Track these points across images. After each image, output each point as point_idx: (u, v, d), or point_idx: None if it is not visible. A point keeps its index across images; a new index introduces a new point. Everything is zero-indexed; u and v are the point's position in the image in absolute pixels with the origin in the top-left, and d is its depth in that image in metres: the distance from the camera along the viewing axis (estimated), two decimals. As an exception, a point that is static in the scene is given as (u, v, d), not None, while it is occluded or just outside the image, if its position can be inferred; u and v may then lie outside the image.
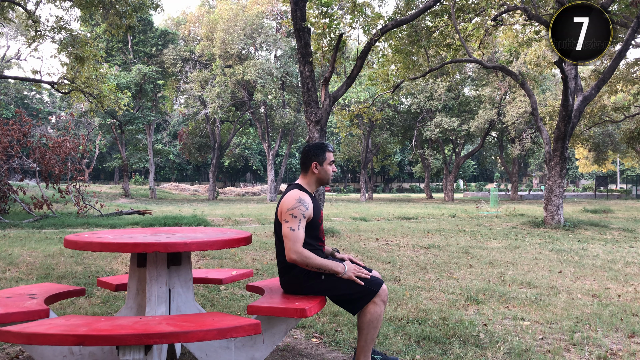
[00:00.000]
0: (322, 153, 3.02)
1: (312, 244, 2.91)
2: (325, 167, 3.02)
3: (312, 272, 2.88)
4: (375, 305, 2.81)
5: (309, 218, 2.87)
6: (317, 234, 2.96)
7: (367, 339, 2.83)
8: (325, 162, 3.03)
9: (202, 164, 48.25)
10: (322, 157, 3.02)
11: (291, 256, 2.76)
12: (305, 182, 3.03)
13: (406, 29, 12.91)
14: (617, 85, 21.98)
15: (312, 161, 3.01)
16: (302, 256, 2.75)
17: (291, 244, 2.76)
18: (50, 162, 13.53)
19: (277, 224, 2.96)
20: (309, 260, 2.76)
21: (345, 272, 2.81)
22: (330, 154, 3.04)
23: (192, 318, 2.54)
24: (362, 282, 2.81)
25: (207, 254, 7.11)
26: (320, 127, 10.30)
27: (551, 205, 12.20)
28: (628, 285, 5.46)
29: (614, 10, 11.87)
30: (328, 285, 2.87)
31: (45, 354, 2.72)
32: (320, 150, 3.03)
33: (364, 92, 27.40)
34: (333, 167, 3.08)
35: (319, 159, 3.01)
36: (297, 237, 2.77)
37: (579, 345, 3.45)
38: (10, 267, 6.13)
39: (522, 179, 64.87)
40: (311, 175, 3.03)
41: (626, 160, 42.89)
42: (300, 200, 2.85)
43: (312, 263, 2.77)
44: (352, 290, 2.82)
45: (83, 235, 3.03)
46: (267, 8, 31.45)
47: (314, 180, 3.04)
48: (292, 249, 2.75)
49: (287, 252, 2.78)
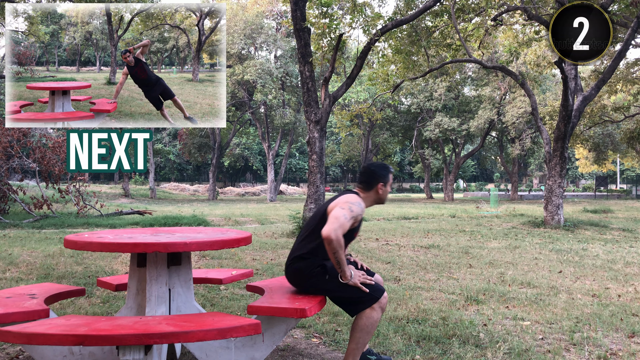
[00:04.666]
0: (387, 174, 3.09)
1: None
2: (387, 189, 3.10)
3: (317, 271, 2.91)
4: (373, 310, 2.84)
5: (353, 225, 2.93)
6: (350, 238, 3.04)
7: (359, 342, 2.85)
8: (389, 183, 3.11)
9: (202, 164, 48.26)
10: (387, 179, 3.09)
11: (330, 234, 2.76)
12: (363, 197, 3.08)
13: (406, 29, 12.91)
14: (617, 85, 21.98)
15: (378, 182, 3.07)
16: (338, 240, 2.77)
17: (337, 226, 2.78)
18: (50, 162, 13.53)
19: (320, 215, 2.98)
20: (339, 249, 2.78)
21: (352, 279, 2.85)
22: (391, 176, 3.14)
23: (192, 318, 2.54)
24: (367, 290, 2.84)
25: (207, 254, 7.10)
26: (320, 127, 10.30)
27: (551, 205, 12.20)
28: (628, 285, 5.46)
29: (614, 10, 11.87)
30: (331, 286, 2.89)
31: (45, 354, 2.72)
32: (386, 171, 3.11)
33: (364, 92, 27.39)
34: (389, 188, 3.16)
35: (384, 180, 3.08)
36: (344, 224, 2.82)
37: (579, 345, 3.45)
38: (10, 267, 6.13)
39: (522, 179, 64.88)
40: (374, 194, 3.09)
41: (626, 160, 42.89)
42: (360, 204, 2.95)
43: (338, 254, 2.79)
44: (354, 294, 2.86)
45: (83, 235, 3.03)
46: (267, 8, 31.43)
47: (374, 199, 3.11)
48: (336, 230, 2.77)
49: (328, 227, 2.78)
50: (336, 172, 62.89)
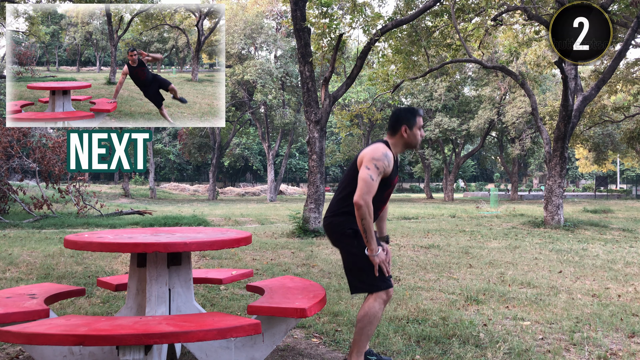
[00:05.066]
0: (412, 117, 2.99)
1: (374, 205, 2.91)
2: (414, 132, 2.98)
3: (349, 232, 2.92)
4: (375, 301, 2.85)
5: (385, 175, 2.89)
6: (383, 194, 2.98)
7: (362, 334, 2.86)
8: (415, 126, 2.98)
9: (202, 164, 48.25)
10: (412, 122, 2.98)
11: (359, 201, 2.78)
12: (392, 143, 3.01)
13: (406, 29, 12.91)
14: (617, 85, 21.97)
15: (402, 124, 2.98)
16: (366, 206, 2.78)
17: (365, 190, 2.79)
18: (50, 162, 13.53)
19: (352, 169, 2.98)
20: (366, 216, 2.78)
21: (376, 256, 2.83)
22: (420, 119, 3.00)
23: (192, 318, 2.54)
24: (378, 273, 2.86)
25: (207, 254, 7.11)
26: (320, 127, 10.30)
27: (551, 205, 12.20)
28: (628, 285, 5.46)
29: (614, 10, 11.87)
30: (355, 252, 2.89)
31: (45, 354, 2.72)
32: (412, 114, 3.00)
33: (364, 92, 27.39)
34: (422, 132, 3.02)
35: (409, 122, 2.98)
36: (371, 186, 2.81)
37: (579, 345, 3.45)
38: (10, 267, 6.13)
39: (522, 179, 64.85)
40: (399, 138, 3.00)
41: (626, 160, 42.89)
42: (386, 155, 2.87)
43: (365, 222, 2.79)
44: (366, 272, 2.88)
45: (83, 235, 3.03)
46: (267, 8, 31.43)
47: (402, 143, 3.01)
48: (364, 195, 2.78)
49: (357, 194, 2.79)
50: (336, 172, 62.87)
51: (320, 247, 8.32)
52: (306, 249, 8.04)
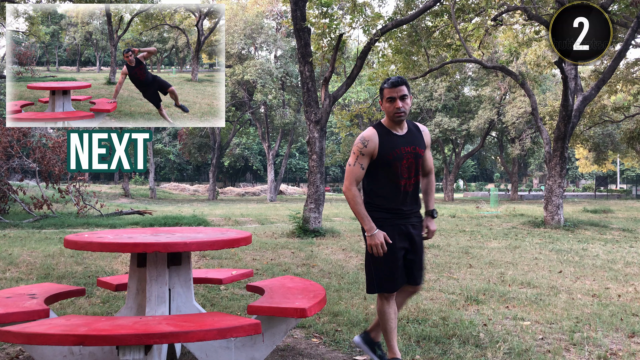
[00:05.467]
0: (381, 90, 2.95)
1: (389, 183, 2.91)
2: (384, 104, 2.92)
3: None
4: (380, 300, 2.93)
5: (372, 155, 2.88)
6: (392, 172, 2.90)
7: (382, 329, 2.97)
8: (383, 98, 2.92)
9: (202, 164, 48.24)
10: (382, 94, 2.93)
11: (344, 191, 2.87)
12: (383, 120, 3.00)
13: (406, 29, 12.91)
14: (617, 85, 21.96)
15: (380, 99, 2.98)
16: (349, 193, 2.86)
17: (347, 177, 2.89)
18: (50, 162, 13.53)
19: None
20: (352, 201, 2.85)
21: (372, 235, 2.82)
22: (386, 91, 2.88)
23: (192, 318, 2.54)
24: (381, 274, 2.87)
25: (207, 254, 7.11)
26: (320, 127, 10.30)
27: (551, 205, 12.20)
28: (628, 285, 5.46)
29: (614, 10, 11.87)
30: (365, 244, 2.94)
31: (45, 354, 2.72)
32: (382, 85, 2.94)
33: (364, 92, 27.38)
34: (396, 104, 2.86)
35: (381, 95, 2.96)
36: (349, 172, 2.88)
37: (579, 345, 3.45)
38: (10, 267, 6.13)
39: (522, 179, 64.84)
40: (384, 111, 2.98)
41: (626, 160, 42.86)
42: (362, 138, 2.89)
43: (353, 207, 2.86)
44: (367, 270, 2.94)
45: (83, 235, 3.03)
46: (267, 8, 31.42)
47: (387, 117, 2.97)
48: (346, 182, 2.89)
49: (344, 184, 2.90)
50: (336, 172, 62.85)
51: (320, 247, 8.32)
52: (306, 249, 8.04)
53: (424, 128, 3.07)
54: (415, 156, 2.94)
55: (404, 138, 2.94)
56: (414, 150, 2.94)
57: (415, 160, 2.94)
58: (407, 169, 2.92)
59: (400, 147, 2.91)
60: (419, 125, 3.06)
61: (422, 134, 3.02)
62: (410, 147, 2.93)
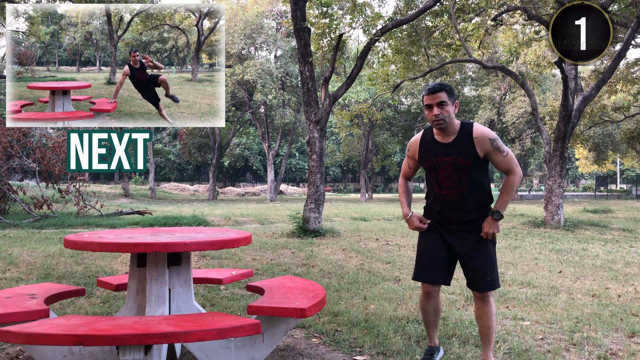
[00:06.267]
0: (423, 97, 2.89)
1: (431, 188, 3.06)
2: (426, 112, 2.87)
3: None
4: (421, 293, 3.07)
5: (413, 158, 3.06)
6: (432, 180, 2.97)
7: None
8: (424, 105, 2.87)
9: (202, 164, 48.26)
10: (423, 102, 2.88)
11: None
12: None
13: (406, 29, 12.91)
14: (617, 85, 21.96)
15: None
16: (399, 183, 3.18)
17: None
18: (50, 162, 13.52)
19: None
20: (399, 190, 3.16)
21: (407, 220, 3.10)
22: (425, 98, 2.83)
23: (192, 318, 2.55)
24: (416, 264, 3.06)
25: (207, 254, 7.11)
26: (320, 127, 10.30)
27: (551, 205, 12.20)
28: (628, 285, 5.46)
29: (614, 10, 11.87)
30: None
31: (45, 354, 2.72)
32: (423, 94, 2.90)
33: (364, 92, 27.37)
34: (434, 110, 2.78)
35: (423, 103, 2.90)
36: (402, 166, 3.15)
37: (579, 345, 3.45)
38: (10, 267, 6.13)
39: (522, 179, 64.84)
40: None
41: (626, 160, 42.86)
42: (410, 142, 3.06)
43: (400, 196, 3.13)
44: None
45: (83, 235, 3.03)
46: (267, 8, 31.43)
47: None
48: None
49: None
50: (336, 172, 62.85)
51: (320, 247, 8.32)
52: (306, 249, 8.04)
53: (480, 133, 2.83)
54: (456, 166, 2.83)
55: (446, 147, 2.85)
56: (454, 161, 2.83)
57: (456, 170, 2.84)
58: (448, 179, 2.87)
59: (438, 157, 2.86)
60: (475, 130, 2.84)
61: (473, 142, 2.82)
62: (449, 158, 2.83)
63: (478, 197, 2.91)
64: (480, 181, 2.90)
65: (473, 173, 2.85)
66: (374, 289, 5.16)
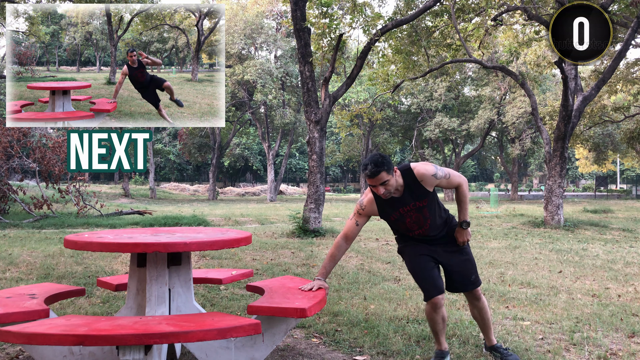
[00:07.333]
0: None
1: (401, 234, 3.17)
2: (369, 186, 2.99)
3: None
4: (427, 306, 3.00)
5: (370, 214, 3.09)
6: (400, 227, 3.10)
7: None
8: (369, 185, 2.97)
9: (202, 164, 48.24)
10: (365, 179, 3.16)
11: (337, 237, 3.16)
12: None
13: (406, 29, 12.91)
14: (617, 85, 21.96)
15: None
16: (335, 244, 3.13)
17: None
18: (50, 162, 13.52)
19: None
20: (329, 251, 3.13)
21: (314, 280, 3.15)
22: (367, 179, 2.88)
23: (192, 318, 2.54)
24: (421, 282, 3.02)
25: (207, 254, 7.11)
26: (320, 127, 10.30)
27: (551, 205, 12.20)
28: (628, 285, 5.46)
29: (614, 10, 11.87)
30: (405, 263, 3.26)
31: (45, 354, 2.72)
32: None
33: (364, 92, 27.38)
34: (379, 190, 2.88)
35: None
36: (345, 225, 3.13)
37: (579, 345, 3.45)
38: (10, 267, 6.13)
39: (522, 179, 64.83)
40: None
41: (626, 160, 42.85)
42: (361, 202, 3.09)
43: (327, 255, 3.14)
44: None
45: (83, 235, 3.03)
46: (267, 8, 31.42)
47: None
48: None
49: None
50: (336, 172, 62.85)
51: (320, 247, 8.32)
52: (306, 249, 8.04)
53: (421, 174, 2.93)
54: (418, 209, 3.00)
55: (402, 199, 2.97)
56: (414, 207, 2.99)
57: (419, 212, 3.01)
58: (415, 223, 3.04)
59: (399, 209, 3.00)
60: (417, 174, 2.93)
61: (420, 184, 2.95)
62: (409, 205, 2.98)
63: (440, 218, 3.10)
64: (437, 207, 3.08)
65: (431, 205, 3.03)
66: (374, 289, 5.16)
